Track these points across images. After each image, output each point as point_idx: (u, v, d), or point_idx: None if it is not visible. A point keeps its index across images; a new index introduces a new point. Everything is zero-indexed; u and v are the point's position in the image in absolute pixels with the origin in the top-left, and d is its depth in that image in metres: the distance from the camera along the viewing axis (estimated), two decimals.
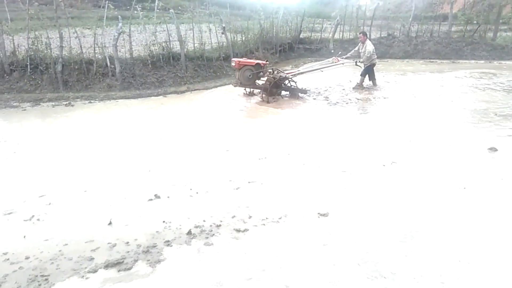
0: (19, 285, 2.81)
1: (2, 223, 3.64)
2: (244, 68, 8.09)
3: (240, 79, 8.16)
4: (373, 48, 9.07)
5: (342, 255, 3.08)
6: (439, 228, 3.46)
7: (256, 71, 8.12)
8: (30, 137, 6.24)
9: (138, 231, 3.48)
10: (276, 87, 8.26)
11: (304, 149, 5.45)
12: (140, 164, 5.04)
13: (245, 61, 8.31)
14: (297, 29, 15.09)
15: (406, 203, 3.93)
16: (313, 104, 8.02)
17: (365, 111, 7.61)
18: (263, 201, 4.00)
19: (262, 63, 8.36)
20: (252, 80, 8.20)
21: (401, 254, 3.08)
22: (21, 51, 9.55)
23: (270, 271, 2.90)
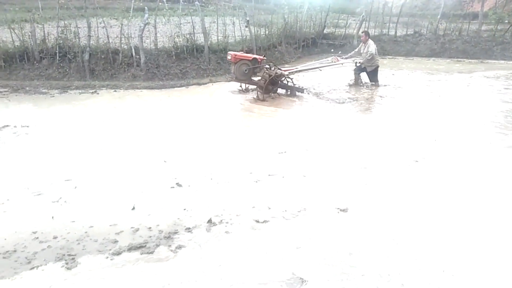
0: (47, 263, 2.94)
1: (32, 204, 3.80)
2: (240, 63, 7.75)
3: (236, 73, 7.86)
4: (375, 48, 8.66)
5: (360, 252, 3.08)
6: (466, 230, 3.41)
7: (253, 66, 7.81)
8: (57, 122, 6.44)
9: (160, 217, 3.58)
10: (273, 84, 7.99)
11: (323, 145, 5.43)
12: (162, 153, 5.14)
13: (241, 55, 7.99)
14: (321, 24, 14.94)
15: (430, 202, 3.89)
16: (321, 103, 7.82)
17: (376, 109, 7.50)
18: (283, 194, 4.03)
19: (259, 58, 7.99)
20: (248, 76, 7.89)
21: (421, 254, 3.06)
22: (50, 40, 9.81)
23: (288, 262, 2.93)
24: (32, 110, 7.21)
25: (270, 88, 7.96)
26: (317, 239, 3.24)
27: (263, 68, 7.88)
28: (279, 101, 7.92)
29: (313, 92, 8.54)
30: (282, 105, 7.67)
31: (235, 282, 2.72)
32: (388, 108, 7.49)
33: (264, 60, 8.12)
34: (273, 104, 7.71)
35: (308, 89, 8.68)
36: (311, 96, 8.38)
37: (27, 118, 6.55)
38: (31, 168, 4.63)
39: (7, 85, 8.78)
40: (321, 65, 9.26)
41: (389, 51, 14.82)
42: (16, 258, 2.97)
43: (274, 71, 7.78)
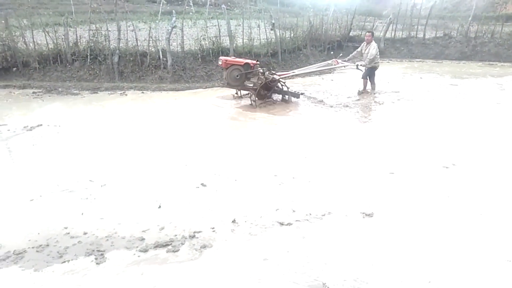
0: (78, 258, 3.04)
1: (62, 200, 3.93)
2: (232, 68, 7.44)
3: (227, 79, 7.54)
4: (377, 51, 8.34)
5: (384, 259, 3.02)
6: (496, 239, 3.29)
7: (245, 72, 7.48)
8: (86, 122, 6.64)
9: (185, 216, 3.63)
10: (267, 89, 7.74)
11: (346, 150, 5.36)
12: (186, 154, 5.21)
13: (232, 60, 7.67)
14: (347, 27, 14.78)
15: (459, 210, 3.77)
16: (332, 110, 7.50)
17: (398, 113, 7.31)
18: (307, 197, 4.01)
19: (251, 63, 7.65)
20: (240, 81, 7.54)
21: (453, 262, 2.97)
22: (82, 43, 10.17)
23: (312, 267, 2.92)
24: (64, 110, 7.47)
25: (263, 93, 7.71)
26: (341, 244, 3.21)
27: (256, 73, 7.57)
28: (279, 107, 7.70)
29: (319, 99, 8.19)
30: (283, 111, 7.49)
31: (258, 284, 2.73)
32: (410, 113, 7.31)
33: (257, 65, 7.81)
34: (274, 110, 7.51)
35: (311, 96, 8.38)
36: (312, 101, 8.06)
37: (59, 118, 6.80)
38: (61, 166, 4.80)
39: (42, 86, 9.16)
40: (319, 68, 8.95)
41: (417, 54, 14.52)
42: (49, 252, 3.09)
43: (267, 76, 7.48)
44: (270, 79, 7.57)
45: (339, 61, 8.63)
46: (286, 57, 11.68)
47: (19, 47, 9.89)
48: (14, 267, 2.93)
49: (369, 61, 8.26)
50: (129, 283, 2.75)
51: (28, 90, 8.92)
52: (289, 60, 11.71)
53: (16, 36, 9.95)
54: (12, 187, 4.22)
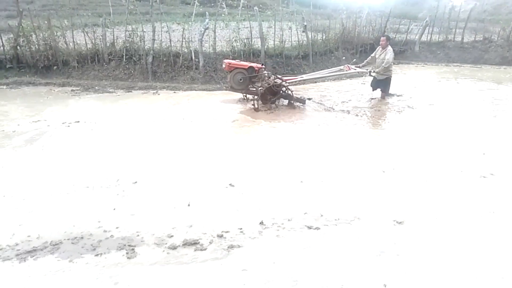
0: (110, 251, 3.13)
1: (96, 195, 4.07)
2: (235, 71, 7.35)
3: (231, 82, 7.45)
4: (393, 57, 7.88)
5: (415, 270, 2.92)
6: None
7: (249, 75, 7.38)
8: (119, 120, 6.85)
9: (214, 215, 3.67)
10: (272, 94, 7.53)
11: (377, 156, 5.22)
12: (216, 153, 5.27)
13: (236, 63, 7.57)
14: (381, 29, 14.48)
15: (494, 220, 3.60)
16: (343, 116, 7.36)
17: (422, 119, 7.06)
18: (335, 201, 3.95)
19: (256, 67, 7.50)
20: (244, 85, 7.45)
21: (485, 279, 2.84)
22: (118, 43, 10.54)
23: (339, 273, 2.87)
24: (99, 108, 7.75)
25: (268, 98, 7.54)
26: (370, 251, 3.14)
27: (262, 77, 7.47)
28: (284, 112, 7.46)
29: (337, 108, 7.85)
30: (293, 117, 7.30)
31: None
32: (437, 118, 7.06)
33: (263, 68, 7.69)
34: (286, 115, 7.32)
35: (321, 101, 8.18)
36: (322, 107, 7.84)
37: (94, 115, 7.07)
38: (95, 162, 4.97)
39: (80, 84, 9.56)
40: (330, 74, 8.64)
41: (454, 59, 14.02)
42: (83, 244, 3.20)
43: (272, 81, 7.37)
44: (275, 84, 7.40)
45: (351, 66, 8.22)
46: (317, 60, 11.60)
47: (60, 46, 10.37)
48: (51, 257, 3.06)
49: (384, 68, 7.75)
50: (159, 279, 2.81)
51: (67, 88, 9.32)
52: (320, 63, 11.61)
53: (57, 36, 10.44)
54: (51, 181, 4.41)
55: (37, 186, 4.27)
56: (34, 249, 3.15)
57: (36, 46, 10.17)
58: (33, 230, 3.41)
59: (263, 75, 7.47)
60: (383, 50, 7.96)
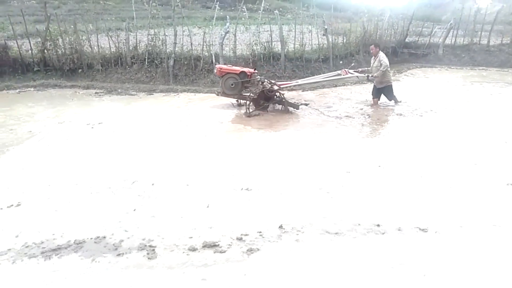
0: (131, 251, 3.18)
1: (117, 196, 4.14)
2: (227, 76, 7.29)
3: (222, 87, 7.39)
4: (388, 61, 7.61)
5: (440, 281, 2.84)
6: None
7: (241, 80, 7.27)
8: (140, 122, 6.95)
9: (233, 218, 3.67)
10: (266, 99, 7.40)
11: (395, 162, 5.09)
12: (234, 157, 5.29)
13: (227, 68, 7.46)
14: (403, 32, 14.24)
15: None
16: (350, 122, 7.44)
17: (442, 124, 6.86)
18: (355, 207, 3.89)
19: (248, 72, 7.36)
20: (236, 90, 7.34)
21: None
22: (141, 46, 10.74)
23: (360, 280, 2.81)
24: (122, 110, 7.89)
25: (261, 103, 7.41)
26: (391, 258, 3.07)
27: (254, 82, 7.33)
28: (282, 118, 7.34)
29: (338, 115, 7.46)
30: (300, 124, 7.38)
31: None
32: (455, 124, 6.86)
33: (255, 73, 7.55)
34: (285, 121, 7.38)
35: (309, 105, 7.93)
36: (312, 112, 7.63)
37: (117, 117, 7.21)
38: (116, 163, 5.07)
39: (103, 86, 9.78)
40: (326, 79, 8.42)
41: (479, 62, 13.64)
42: (105, 244, 3.26)
43: (265, 86, 7.23)
44: (268, 89, 7.27)
45: (350, 71, 8.02)
46: (337, 63, 11.50)
47: (85, 50, 10.65)
48: (74, 255, 3.12)
49: (382, 73, 7.51)
50: (179, 281, 2.83)
51: (91, 91, 9.56)
52: (341, 66, 11.46)
53: (82, 40, 10.72)
54: (74, 181, 4.52)
55: (62, 186, 4.38)
56: (59, 247, 3.23)
57: (62, 49, 10.48)
58: (57, 228, 3.50)
59: (255, 80, 7.35)
60: (375, 57, 7.80)
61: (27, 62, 10.51)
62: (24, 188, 4.32)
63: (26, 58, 10.52)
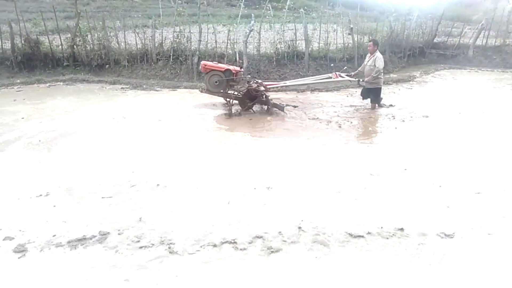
0: (152, 244, 3.24)
1: (137, 190, 4.22)
2: (211, 73, 7.10)
3: (206, 85, 7.23)
4: (383, 64, 7.29)
5: None
6: None
7: (226, 78, 7.10)
8: (162, 117, 7.05)
9: (252, 215, 3.69)
10: (250, 99, 7.24)
11: (421, 166, 4.95)
12: (254, 156, 5.30)
13: (212, 65, 7.27)
14: (432, 32, 13.85)
15: None
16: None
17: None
18: (379, 210, 3.82)
19: (234, 70, 7.21)
20: (220, 88, 7.18)
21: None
22: (166, 43, 10.89)
23: (382, 284, 2.77)
24: (145, 105, 8.02)
25: (246, 102, 7.26)
26: (415, 264, 3.00)
27: (241, 80, 7.18)
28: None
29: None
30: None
31: None
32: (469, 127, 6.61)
33: (241, 72, 7.39)
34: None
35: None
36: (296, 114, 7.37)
37: (141, 112, 7.35)
38: (135, 158, 5.18)
39: (129, 82, 9.98)
40: (316, 81, 8.13)
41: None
42: (128, 236, 3.34)
43: (250, 85, 7.08)
44: (254, 88, 7.12)
45: (342, 74, 7.72)
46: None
47: (112, 46, 10.90)
48: (99, 246, 3.21)
49: (373, 77, 7.24)
50: (199, 276, 2.86)
51: (117, 86, 9.77)
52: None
53: (110, 36, 10.97)
54: (98, 174, 4.63)
55: (85, 178, 4.50)
56: (84, 237, 3.32)
57: (91, 45, 10.76)
58: (82, 219, 3.60)
59: (241, 79, 7.21)
60: (371, 56, 7.47)
61: (57, 57, 10.86)
62: (50, 180, 4.46)
63: (56, 53, 10.87)
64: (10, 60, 10.29)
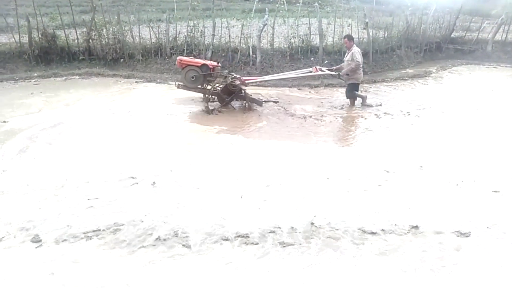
0: (167, 237, 3.28)
1: (149, 183, 4.26)
2: (187, 69, 6.99)
3: (183, 80, 7.12)
4: (361, 58, 7.24)
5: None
6: None
7: (203, 73, 6.98)
8: (171, 112, 7.09)
9: (265, 210, 3.70)
10: (228, 94, 7.21)
11: (438, 162, 4.88)
12: (263, 152, 5.29)
13: (189, 60, 7.18)
14: (449, 27, 13.56)
15: None
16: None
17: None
18: (392, 207, 3.79)
19: (211, 65, 7.12)
20: (197, 83, 7.07)
21: None
22: (180, 38, 10.92)
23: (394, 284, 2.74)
24: (158, 99, 8.07)
25: (224, 97, 7.22)
26: (430, 263, 2.97)
27: (219, 75, 7.08)
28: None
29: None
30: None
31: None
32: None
33: (219, 67, 7.31)
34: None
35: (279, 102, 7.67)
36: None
37: (155, 105, 7.40)
38: (146, 150, 5.22)
39: (143, 76, 10.05)
40: (296, 75, 7.98)
41: None
42: (141, 228, 3.38)
43: (229, 80, 7.01)
44: (232, 83, 7.03)
45: (323, 69, 7.61)
46: (377, 58, 11.15)
47: (127, 40, 10.98)
48: (112, 237, 3.26)
49: (351, 69, 7.12)
50: (216, 269, 2.89)
51: (131, 80, 9.85)
52: (381, 61, 11.16)
53: (125, 31, 11.05)
54: (112, 168, 4.69)
55: (98, 173, 4.55)
56: (99, 228, 3.38)
57: (106, 39, 10.86)
58: (97, 211, 3.66)
59: (219, 74, 7.10)
60: (349, 51, 7.38)
61: (73, 51, 10.99)
62: (65, 175, 4.53)
63: (72, 47, 11.00)
64: (28, 53, 10.45)
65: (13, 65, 10.33)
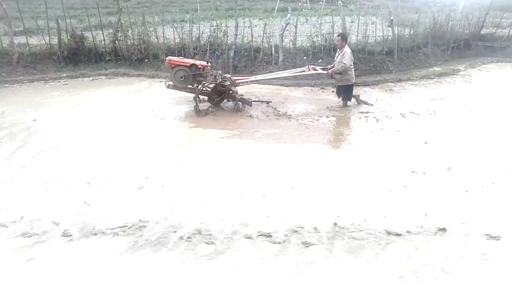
0: (190, 235, 3.32)
1: (173, 181, 4.32)
2: (177, 69, 6.94)
3: (172, 80, 7.05)
4: (351, 59, 7.02)
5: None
6: None
7: (192, 73, 6.90)
8: (190, 112, 7.12)
9: (287, 210, 3.70)
10: (218, 94, 7.10)
11: (470, 164, 4.74)
12: (285, 152, 5.28)
13: (178, 60, 7.11)
14: (478, 23, 13.10)
15: None
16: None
17: None
18: (418, 208, 3.71)
19: (200, 65, 7.02)
20: (186, 83, 7.00)
21: None
22: (203, 38, 11.02)
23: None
24: (181, 99, 8.16)
25: (214, 97, 7.12)
26: (458, 267, 2.89)
27: (206, 76, 6.96)
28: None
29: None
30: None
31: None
32: None
33: (208, 67, 7.18)
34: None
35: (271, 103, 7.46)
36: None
37: (177, 107, 7.49)
38: (167, 152, 5.32)
39: (167, 76, 10.16)
40: (289, 75, 7.74)
41: None
42: (166, 226, 3.45)
43: (218, 80, 6.90)
44: (222, 84, 6.92)
45: (317, 68, 7.43)
46: (402, 56, 10.91)
47: (151, 41, 11.18)
48: (139, 233, 3.33)
49: (343, 70, 6.94)
50: (238, 267, 2.91)
51: (155, 80, 10.02)
52: (406, 59, 10.91)
53: (149, 31, 11.25)
54: (135, 167, 4.79)
55: (119, 173, 4.65)
56: (125, 225, 3.46)
57: (131, 40, 11.09)
58: (118, 207, 3.75)
59: (208, 74, 6.99)
60: (340, 51, 7.17)
61: (100, 52, 11.27)
62: (88, 173, 4.65)
63: (99, 48, 11.28)
64: (57, 55, 10.80)
65: (44, 66, 10.69)
